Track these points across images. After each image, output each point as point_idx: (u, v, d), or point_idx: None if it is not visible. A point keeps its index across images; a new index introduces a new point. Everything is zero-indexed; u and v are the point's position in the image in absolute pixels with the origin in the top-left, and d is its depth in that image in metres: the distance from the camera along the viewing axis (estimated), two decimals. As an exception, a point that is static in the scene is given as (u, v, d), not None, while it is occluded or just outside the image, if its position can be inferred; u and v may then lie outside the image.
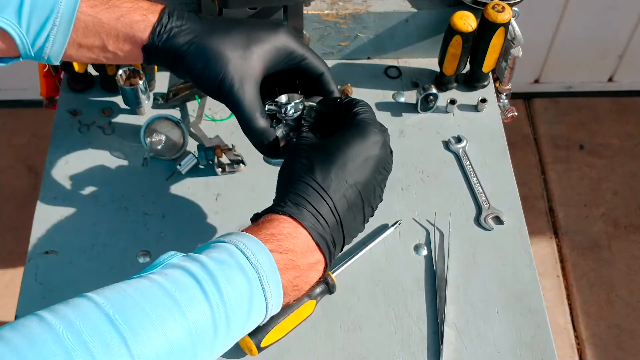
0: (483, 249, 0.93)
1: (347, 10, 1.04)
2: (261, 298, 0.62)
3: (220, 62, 0.74)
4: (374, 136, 0.72)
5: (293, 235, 0.66)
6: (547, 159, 2.12)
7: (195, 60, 0.75)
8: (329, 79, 0.81)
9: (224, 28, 0.76)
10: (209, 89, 0.77)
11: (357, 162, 0.70)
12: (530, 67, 2.15)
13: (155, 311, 0.55)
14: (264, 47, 0.76)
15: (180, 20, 0.76)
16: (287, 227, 0.66)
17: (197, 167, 0.97)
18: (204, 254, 0.61)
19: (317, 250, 0.67)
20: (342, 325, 0.87)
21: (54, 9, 0.71)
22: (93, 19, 0.73)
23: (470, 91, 1.08)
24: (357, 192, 0.70)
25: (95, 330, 0.52)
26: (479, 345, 0.85)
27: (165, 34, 0.74)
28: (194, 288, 0.58)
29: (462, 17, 0.98)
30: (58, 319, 0.52)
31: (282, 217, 0.67)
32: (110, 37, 0.74)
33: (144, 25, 0.74)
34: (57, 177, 0.97)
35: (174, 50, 0.75)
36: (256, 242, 0.63)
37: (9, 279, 1.87)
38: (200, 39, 0.75)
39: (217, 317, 0.58)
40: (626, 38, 2.06)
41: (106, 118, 1.03)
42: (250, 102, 0.75)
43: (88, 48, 0.75)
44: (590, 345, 1.81)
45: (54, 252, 0.90)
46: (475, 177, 0.99)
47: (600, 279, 1.92)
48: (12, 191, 2.02)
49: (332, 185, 0.68)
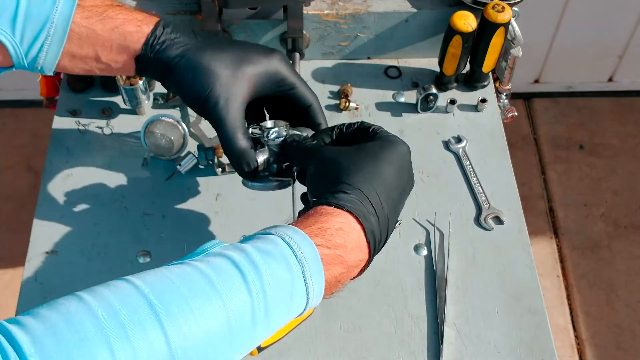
0: (483, 249, 0.93)
1: (347, 10, 1.04)
2: (303, 292, 0.61)
3: (209, 79, 0.74)
4: (403, 147, 0.73)
5: (346, 230, 0.65)
6: (547, 159, 2.12)
7: (184, 74, 0.74)
8: (317, 111, 0.80)
9: (218, 46, 0.76)
10: (194, 104, 0.76)
11: (394, 168, 0.71)
12: (530, 67, 2.15)
13: (195, 298, 0.55)
14: (255, 70, 0.76)
15: (175, 33, 0.75)
16: (340, 222, 0.65)
17: (197, 167, 0.97)
18: (249, 244, 0.61)
19: (366, 247, 0.67)
20: (342, 325, 0.87)
21: (48, 19, 0.71)
22: (87, 30, 0.73)
23: (470, 91, 1.08)
24: (401, 197, 0.71)
25: (134, 313, 0.52)
26: (479, 345, 0.85)
27: (158, 45, 0.74)
28: (236, 277, 0.58)
29: (462, 17, 0.98)
30: (97, 300, 0.53)
31: (335, 211, 0.66)
32: (104, 48, 0.74)
33: (138, 37, 0.74)
34: (57, 177, 0.97)
35: (165, 63, 0.75)
36: (303, 235, 0.62)
37: (9, 279, 1.87)
38: (192, 53, 0.75)
39: (256, 308, 0.58)
40: (626, 38, 2.06)
41: (106, 118, 1.03)
42: (233, 121, 0.74)
43: (81, 59, 0.75)
44: (590, 345, 1.81)
45: (54, 252, 0.90)
46: (475, 177, 0.99)
47: (600, 279, 1.92)
48: (12, 191, 2.02)
49: (384, 189, 0.68)
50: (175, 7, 1.03)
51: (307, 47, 1.08)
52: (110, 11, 0.75)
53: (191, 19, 1.03)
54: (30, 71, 0.75)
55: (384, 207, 0.68)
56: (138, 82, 0.97)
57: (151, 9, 1.01)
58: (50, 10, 0.71)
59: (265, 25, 1.05)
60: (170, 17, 1.02)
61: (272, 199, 0.96)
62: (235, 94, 0.75)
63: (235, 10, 0.99)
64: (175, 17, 1.03)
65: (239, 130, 0.75)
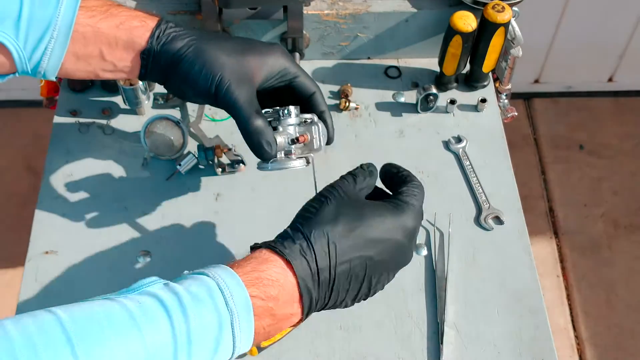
0: (483, 249, 0.93)
1: (347, 10, 1.04)
2: (229, 341, 0.61)
3: (217, 65, 0.75)
4: (409, 222, 0.70)
5: (281, 282, 0.63)
6: (547, 159, 2.12)
7: (192, 63, 0.75)
8: (319, 100, 0.81)
9: (222, 37, 0.78)
10: (204, 93, 0.76)
11: (380, 237, 0.68)
12: (530, 67, 2.15)
13: (114, 330, 0.55)
14: (259, 60, 0.77)
15: (178, 27, 0.77)
16: (278, 272, 0.64)
17: (197, 167, 0.97)
18: (183, 286, 0.60)
19: (299, 302, 0.65)
20: (342, 325, 0.87)
21: (51, 22, 0.71)
22: (92, 29, 0.74)
23: (470, 91, 1.08)
24: (364, 267, 0.67)
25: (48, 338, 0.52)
26: (479, 346, 0.85)
27: (164, 37, 0.75)
28: (162, 318, 0.57)
29: (462, 17, 0.98)
30: (18, 328, 0.53)
31: (277, 259, 0.64)
32: (109, 45, 0.75)
33: (143, 31, 0.75)
34: (57, 177, 0.97)
35: (172, 54, 0.75)
36: (238, 282, 0.62)
37: (9, 279, 1.87)
38: (199, 43, 0.76)
39: (179, 351, 0.57)
40: (626, 38, 2.06)
41: (106, 118, 1.03)
42: (247, 102, 0.75)
43: (85, 59, 0.75)
44: (590, 345, 1.81)
45: (54, 252, 0.90)
46: (475, 177, 0.99)
47: (600, 279, 1.92)
48: (12, 191, 2.02)
49: (344, 247, 0.66)
50: (175, 7, 1.03)
51: (307, 47, 1.08)
52: (114, 9, 0.75)
53: (191, 19, 1.03)
54: (32, 76, 0.75)
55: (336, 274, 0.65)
56: (138, 82, 0.97)
57: (151, 9, 1.02)
58: (54, 13, 0.71)
59: (265, 25, 1.05)
60: (170, 17, 1.03)
61: (272, 198, 0.96)
62: (244, 79, 0.76)
63: (235, 10, 0.99)
64: (175, 17, 1.03)
65: (254, 111, 0.75)
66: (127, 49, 0.75)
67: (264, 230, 0.93)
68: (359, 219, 0.67)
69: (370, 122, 1.04)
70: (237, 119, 0.76)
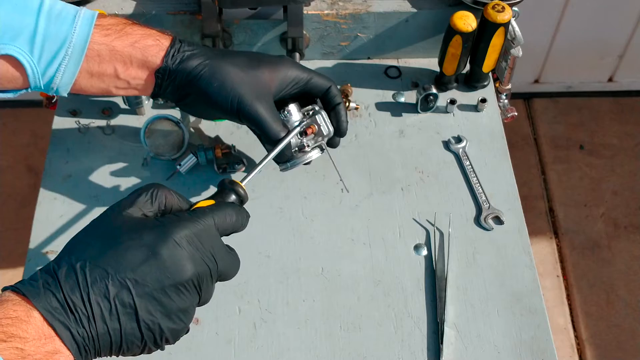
0: (483, 249, 0.93)
1: (347, 10, 1.04)
2: None
3: (236, 82, 0.77)
4: (176, 232, 0.59)
5: (23, 318, 0.55)
6: (547, 159, 2.12)
7: (210, 80, 0.77)
8: (334, 93, 0.84)
9: (234, 54, 0.80)
10: (226, 110, 0.78)
11: (140, 256, 0.58)
12: (530, 67, 2.15)
13: None
14: (272, 71, 0.80)
15: (192, 46, 0.78)
16: (18, 310, 0.55)
17: (197, 167, 0.97)
18: None
19: (55, 337, 0.55)
20: (342, 325, 0.87)
21: (66, 39, 0.72)
22: (106, 47, 0.74)
23: (470, 91, 1.08)
24: (128, 289, 0.57)
25: None
26: (479, 345, 0.85)
27: (179, 55, 0.76)
28: None
29: (462, 17, 0.98)
30: None
31: (15, 298, 0.56)
32: (124, 63, 0.75)
33: (157, 50, 0.76)
34: (57, 177, 0.97)
35: (189, 72, 0.76)
36: None
37: (9, 279, 1.87)
38: (214, 61, 0.77)
39: None
40: (626, 38, 2.06)
41: (106, 118, 1.03)
42: (272, 118, 0.78)
43: (99, 77, 0.76)
44: (590, 345, 1.81)
45: (54, 252, 0.90)
46: (475, 177, 0.99)
47: (600, 278, 1.92)
48: (12, 191, 2.02)
49: (97, 273, 0.57)
50: (176, 7, 1.03)
51: (307, 47, 1.08)
52: (128, 28, 0.76)
53: (191, 19, 1.03)
54: (45, 92, 0.75)
55: (92, 303, 0.56)
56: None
57: (151, 9, 1.02)
58: (69, 30, 0.72)
59: (266, 26, 1.05)
60: (170, 17, 1.03)
61: (272, 198, 0.96)
62: (262, 92, 0.78)
63: (236, 10, 0.99)
64: (175, 17, 1.03)
65: (278, 125, 0.79)
66: (141, 68, 0.76)
67: (264, 230, 0.93)
68: (112, 237, 0.59)
69: (370, 122, 1.05)
70: (264, 134, 0.78)
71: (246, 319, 0.87)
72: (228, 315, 0.86)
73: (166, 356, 0.83)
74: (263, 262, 0.91)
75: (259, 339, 0.85)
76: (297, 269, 0.91)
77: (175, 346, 0.72)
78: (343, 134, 0.87)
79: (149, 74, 0.76)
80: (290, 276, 0.90)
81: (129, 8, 1.02)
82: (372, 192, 0.97)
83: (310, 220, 0.95)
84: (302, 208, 0.95)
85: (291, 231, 0.94)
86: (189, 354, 0.84)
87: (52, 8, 0.73)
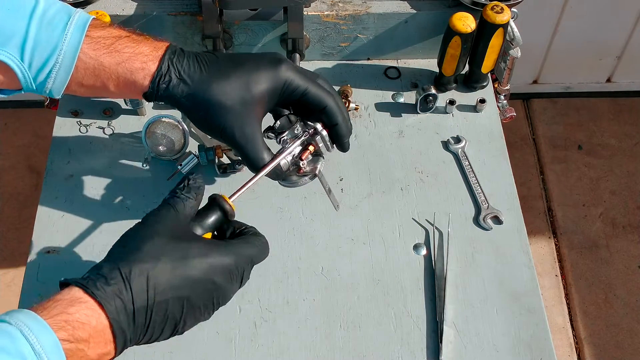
0: (482, 249, 0.93)
1: (347, 11, 1.05)
2: None
3: (220, 114, 0.74)
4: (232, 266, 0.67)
5: (93, 324, 0.60)
6: (545, 159, 2.13)
7: (194, 111, 0.75)
8: (333, 112, 0.78)
9: (224, 74, 0.75)
10: (212, 135, 0.78)
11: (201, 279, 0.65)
12: (529, 68, 2.16)
13: None
14: (263, 88, 0.75)
15: (180, 65, 0.74)
16: (89, 315, 0.60)
17: (198, 168, 0.98)
18: None
19: (112, 342, 0.61)
20: (342, 324, 0.87)
21: (57, 47, 0.71)
22: (95, 62, 0.73)
23: (469, 92, 1.09)
24: (181, 308, 0.65)
25: None
26: (478, 344, 0.86)
27: (164, 84, 0.74)
28: None
29: (461, 18, 0.99)
30: None
31: (87, 300, 0.60)
32: (112, 80, 0.74)
33: (144, 74, 0.74)
34: (58, 177, 0.97)
35: (175, 101, 0.75)
36: (45, 327, 0.58)
37: (11, 279, 1.88)
38: (199, 90, 0.74)
39: None
40: (624, 39, 2.06)
41: (107, 118, 1.03)
42: (253, 146, 0.75)
43: (89, 88, 0.75)
44: (588, 344, 1.82)
45: (55, 252, 0.91)
46: (474, 177, 0.99)
47: (598, 278, 1.92)
48: (14, 191, 2.02)
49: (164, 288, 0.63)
50: (177, 8, 1.03)
51: (307, 48, 1.08)
52: (118, 44, 0.74)
53: (192, 19, 1.03)
54: (39, 94, 0.75)
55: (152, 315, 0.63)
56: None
57: (152, 10, 1.02)
58: (60, 38, 0.71)
59: (266, 26, 1.05)
60: (171, 18, 1.03)
61: (272, 198, 0.97)
62: (249, 121, 0.75)
63: (236, 11, 0.99)
64: (176, 18, 1.03)
65: (261, 152, 0.76)
66: (129, 87, 0.75)
67: (264, 230, 0.94)
68: (182, 259, 0.65)
69: (370, 123, 1.05)
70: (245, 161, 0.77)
71: (246, 318, 0.87)
72: (229, 315, 0.87)
73: (167, 355, 0.84)
74: (263, 261, 0.91)
75: (260, 338, 0.86)
76: (297, 269, 0.91)
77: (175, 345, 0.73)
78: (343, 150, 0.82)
79: (138, 94, 0.75)
80: (291, 275, 0.91)
81: (130, 9, 1.03)
82: (372, 192, 0.98)
83: (310, 220, 0.95)
84: (302, 208, 0.96)
85: (291, 231, 0.94)
86: (190, 353, 0.84)
87: (45, 12, 0.72)
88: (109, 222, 0.93)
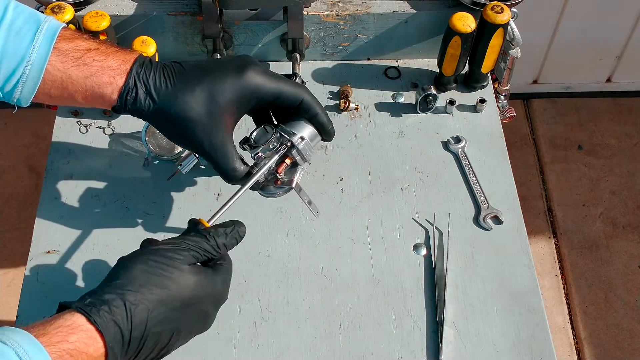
0: (482, 249, 0.93)
1: (347, 11, 1.05)
2: None
3: (187, 125, 0.74)
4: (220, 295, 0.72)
5: (90, 352, 0.62)
6: (545, 159, 2.13)
7: (162, 125, 0.76)
8: (310, 103, 0.79)
9: (189, 87, 0.75)
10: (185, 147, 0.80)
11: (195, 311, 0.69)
12: (529, 68, 2.16)
13: None
14: (230, 98, 0.75)
15: (147, 79, 0.74)
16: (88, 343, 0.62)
17: (198, 168, 0.98)
18: None
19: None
20: (342, 324, 0.87)
21: (24, 58, 0.71)
22: (62, 75, 0.73)
23: (469, 92, 1.09)
24: (170, 337, 0.68)
25: None
26: (478, 344, 0.86)
27: (131, 98, 0.74)
28: None
29: (461, 18, 0.99)
30: None
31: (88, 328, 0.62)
32: (79, 92, 0.74)
33: (112, 89, 0.74)
34: (58, 177, 0.97)
35: (142, 115, 0.76)
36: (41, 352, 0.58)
37: (11, 278, 1.88)
38: (165, 104, 0.74)
39: None
40: (624, 39, 2.06)
41: (107, 118, 1.03)
42: (224, 156, 0.76)
43: (58, 99, 0.75)
44: (588, 344, 1.82)
45: (55, 252, 0.91)
46: (474, 177, 0.99)
47: (598, 278, 1.92)
48: (14, 191, 2.03)
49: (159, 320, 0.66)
50: (176, 8, 1.03)
51: (307, 48, 1.08)
52: (87, 57, 0.74)
53: (192, 20, 1.03)
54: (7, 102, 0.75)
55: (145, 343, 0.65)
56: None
57: (152, 10, 1.02)
58: (27, 49, 0.71)
59: (266, 26, 1.05)
60: (171, 18, 1.03)
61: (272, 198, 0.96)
62: (217, 133, 0.75)
63: (236, 12, 0.99)
64: (176, 18, 1.03)
65: (233, 162, 0.77)
66: (97, 100, 0.75)
67: (265, 230, 0.94)
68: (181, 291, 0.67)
69: (370, 123, 1.05)
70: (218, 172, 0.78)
71: (247, 318, 0.87)
72: (229, 315, 0.87)
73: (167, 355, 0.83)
74: (263, 261, 0.91)
75: (260, 338, 0.86)
76: (297, 269, 0.91)
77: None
78: (330, 138, 0.83)
79: (107, 106, 0.76)
80: (291, 275, 0.91)
81: (130, 9, 1.03)
82: (372, 192, 0.98)
83: (310, 220, 0.95)
84: (302, 208, 0.96)
85: (291, 231, 0.94)
86: (190, 353, 0.84)
87: (13, 22, 0.72)
88: (109, 222, 0.93)
